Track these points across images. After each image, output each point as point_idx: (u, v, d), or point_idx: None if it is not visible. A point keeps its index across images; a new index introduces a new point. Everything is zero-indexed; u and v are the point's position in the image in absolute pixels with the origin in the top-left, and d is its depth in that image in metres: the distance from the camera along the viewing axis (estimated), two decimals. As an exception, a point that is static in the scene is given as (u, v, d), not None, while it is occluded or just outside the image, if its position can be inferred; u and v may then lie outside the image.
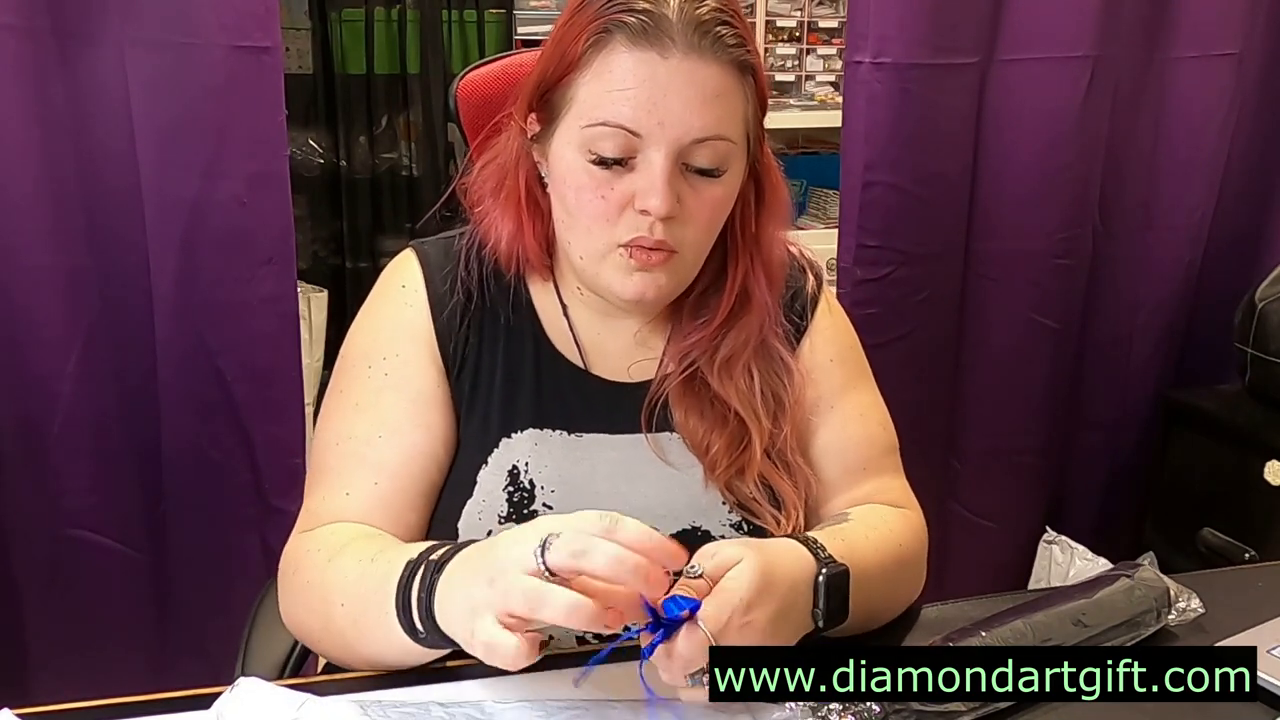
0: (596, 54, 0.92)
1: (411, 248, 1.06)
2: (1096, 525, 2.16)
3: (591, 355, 1.05)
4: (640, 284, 0.95)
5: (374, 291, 1.06)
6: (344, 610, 0.88)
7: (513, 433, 1.01)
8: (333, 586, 0.89)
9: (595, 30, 0.91)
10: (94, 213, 1.56)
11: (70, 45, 1.50)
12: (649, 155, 0.91)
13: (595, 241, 0.95)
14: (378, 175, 3.07)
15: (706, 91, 0.91)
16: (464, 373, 1.02)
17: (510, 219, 1.02)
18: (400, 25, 2.95)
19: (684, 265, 0.97)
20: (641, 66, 0.90)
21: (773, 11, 3.04)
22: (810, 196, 3.26)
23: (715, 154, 0.93)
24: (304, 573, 0.94)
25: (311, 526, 0.97)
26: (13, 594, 1.66)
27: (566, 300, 1.05)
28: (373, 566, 0.87)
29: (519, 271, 1.04)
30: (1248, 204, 2.05)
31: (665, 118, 0.90)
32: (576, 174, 0.94)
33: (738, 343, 1.03)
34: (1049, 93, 1.86)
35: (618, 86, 0.91)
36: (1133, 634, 0.92)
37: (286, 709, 0.79)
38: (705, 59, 0.91)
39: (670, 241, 0.94)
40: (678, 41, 0.90)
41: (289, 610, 0.97)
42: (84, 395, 1.60)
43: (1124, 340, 2.07)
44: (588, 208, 0.94)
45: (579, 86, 0.93)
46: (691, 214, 0.94)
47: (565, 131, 0.95)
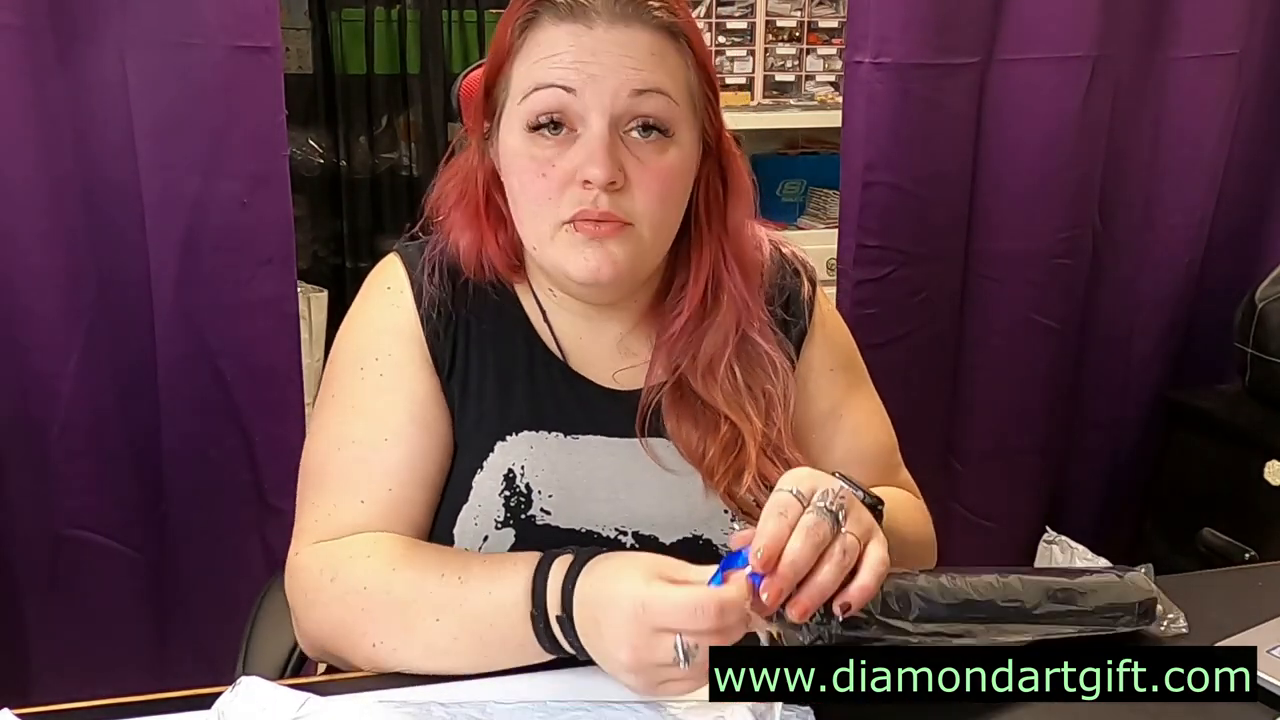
0: (525, 38, 0.94)
1: (395, 251, 1.06)
2: (1096, 525, 2.16)
3: (575, 358, 1.04)
4: (594, 259, 0.93)
5: (360, 295, 1.05)
6: (440, 625, 0.87)
7: (508, 435, 0.99)
8: (414, 601, 0.89)
9: (523, 15, 0.94)
10: (94, 212, 1.56)
11: (70, 44, 1.50)
12: (588, 123, 0.92)
13: (541, 223, 0.94)
14: (378, 175, 3.06)
15: (638, 51, 0.92)
16: (454, 375, 1.01)
17: (470, 228, 1.02)
18: (400, 25, 2.95)
19: (639, 240, 0.94)
20: (569, 36, 0.92)
21: (773, 11, 3.04)
22: (810, 196, 3.25)
23: (656, 110, 0.93)
24: (354, 579, 0.91)
25: (328, 536, 0.95)
26: (13, 594, 1.66)
27: (544, 304, 1.05)
28: (469, 588, 0.88)
29: (493, 278, 1.04)
30: (1248, 204, 2.05)
31: (596, 72, 0.91)
32: (520, 158, 0.95)
33: (717, 342, 1.02)
34: (1049, 93, 1.86)
35: (546, 54, 0.93)
36: (1105, 627, 0.91)
37: (288, 709, 0.79)
38: (631, 25, 0.92)
39: (618, 213, 0.92)
40: (602, 14, 0.92)
41: (324, 619, 0.92)
42: (84, 395, 1.60)
43: (1124, 340, 2.07)
44: (530, 189, 0.94)
45: (513, 70, 0.96)
46: (639, 182, 0.93)
47: (508, 119, 0.96)
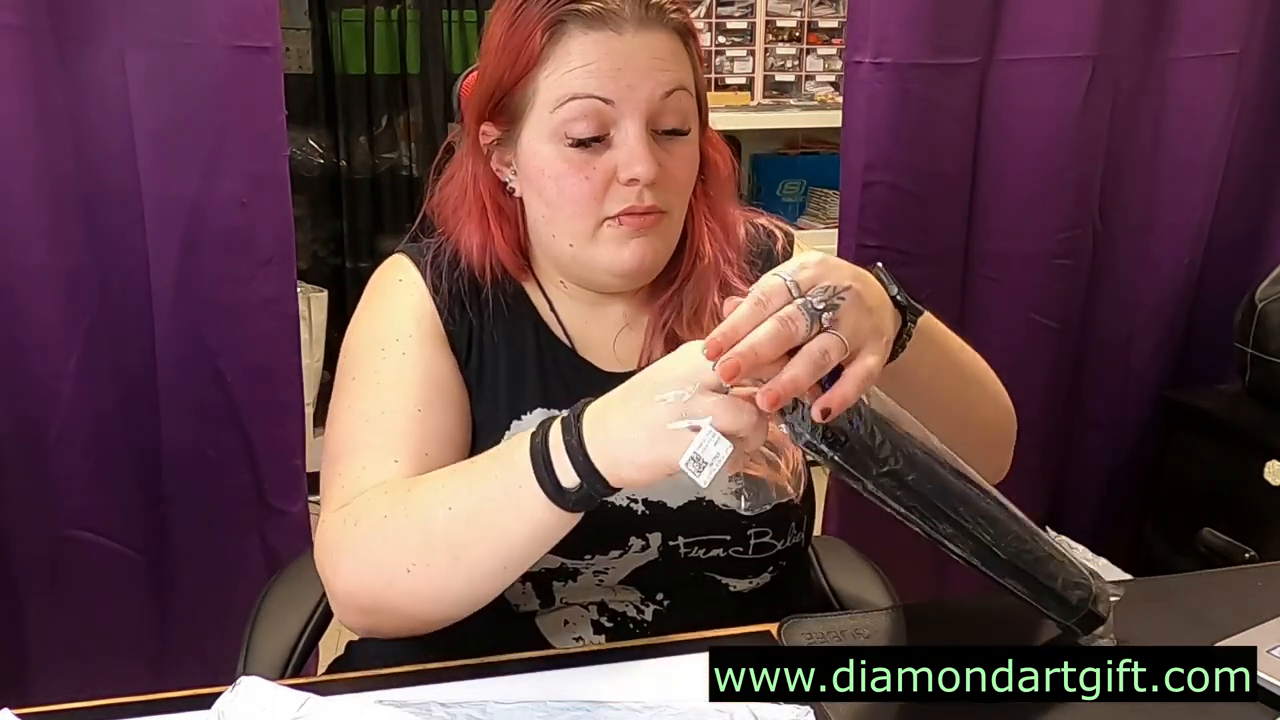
0: (554, 46, 0.95)
1: (400, 251, 1.09)
2: (1096, 525, 2.16)
3: (581, 344, 1.07)
4: (638, 250, 0.98)
5: (368, 292, 1.07)
6: (452, 513, 0.85)
7: (522, 414, 1.02)
8: (428, 501, 0.87)
9: (549, 24, 0.95)
10: (94, 213, 1.56)
11: (70, 45, 1.50)
12: (623, 127, 0.95)
13: (583, 223, 0.98)
14: (378, 175, 3.06)
15: (662, 53, 0.97)
16: (470, 362, 1.04)
17: (478, 231, 1.05)
18: (400, 25, 2.95)
19: (672, 227, 1.01)
20: (600, 44, 0.95)
21: (773, 11, 3.04)
22: (810, 196, 3.26)
23: (680, 111, 0.98)
24: (374, 513, 0.89)
25: (355, 493, 0.93)
26: (13, 594, 1.66)
27: (551, 296, 1.08)
28: (475, 466, 0.87)
29: (498, 276, 1.06)
30: (1248, 204, 2.05)
31: (632, 80, 0.95)
32: (554, 163, 0.97)
33: (699, 292, 1.06)
34: (1049, 93, 1.86)
35: (580, 64, 0.95)
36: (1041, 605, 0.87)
37: (288, 709, 0.79)
38: (654, 28, 0.96)
39: (660, 204, 0.98)
40: (629, 19, 0.95)
41: (353, 567, 0.90)
42: (84, 395, 1.60)
43: (1124, 340, 2.06)
44: (571, 192, 0.97)
45: (540, 80, 0.96)
46: (670, 175, 0.98)
47: (533, 126, 0.98)
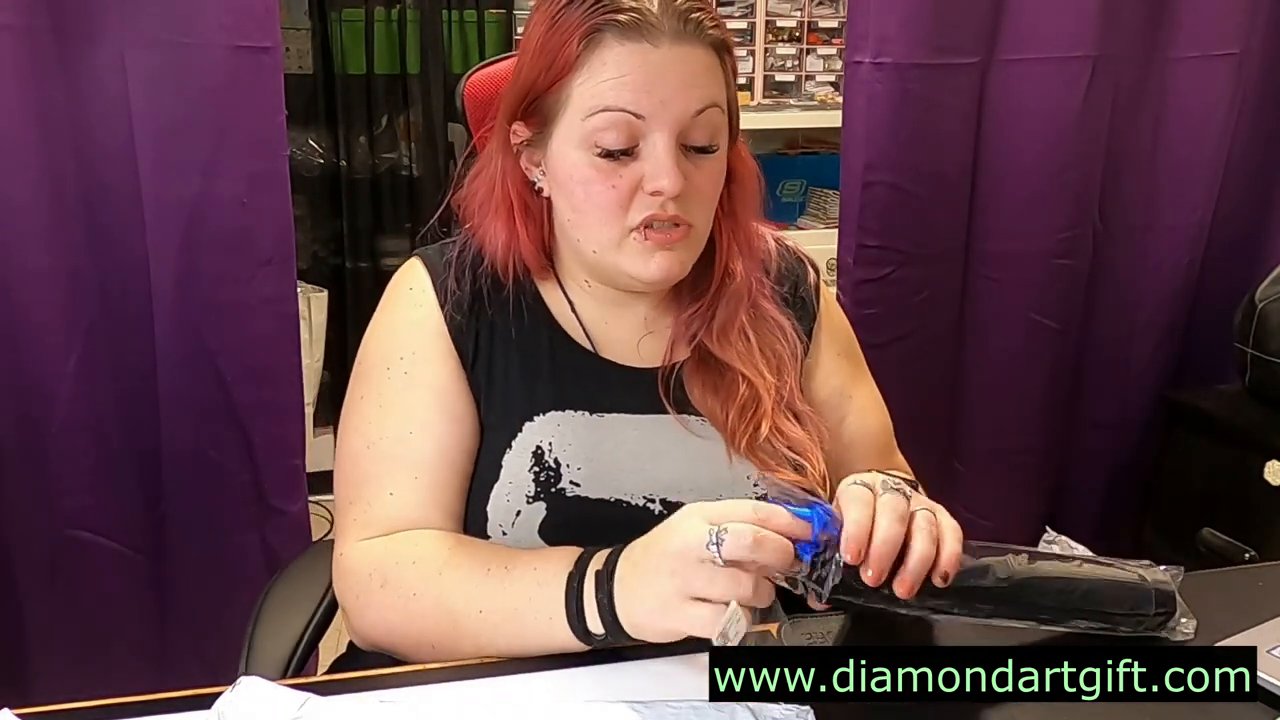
0: (590, 54, 0.95)
1: (416, 255, 1.10)
2: (1096, 525, 2.16)
3: (602, 343, 1.08)
4: (664, 262, 0.99)
5: (383, 300, 1.09)
6: (483, 616, 0.91)
7: (535, 416, 1.03)
8: (459, 597, 0.92)
9: (586, 32, 0.95)
10: (93, 213, 1.56)
11: (70, 45, 1.50)
12: (652, 139, 0.96)
13: (609, 230, 0.99)
14: (378, 175, 3.06)
15: (697, 69, 0.97)
16: (479, 364, 1.04)
17: (504, 228, 1.05)
18: (400, 25, 2.94)
19: (697, 239, 1.02)
20: (635, 56, 0.95)
21: (773, 11, 3.04)
22: (810, 196, 3.25)
23: (710, 127, 0.98)
24: (404, 585, 0.95)
25: (369, 535, 0.99)
26: (13, 594, 1.66)
27: (572, 296, 1.08)
28: (512, 576, 0.91)
29: (518, 275, 1.06)
30: (1248, 204, 2.05)
31: (665, 96, 0.95)
32: (582, 169, 0.97)
33: (730, 310, 1.08)
34: (1049, 93, 1.86)
35: (614, 75, 0.95)
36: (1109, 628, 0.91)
37: (288, 709, 0.79)
38: (691, 43, 0.96)
39: (685, 216, 0.98)
40: (666, 32, 0.94)
41: (378, 621, 0.97)
42: (83, 395, 1.60)
43: (1124, 340, 2.07)
44: (598, 199, 0.98)
45: (574, 87, 0.97)
46: (697, 189, 0.99)
47: (564, 131, 0.98)
